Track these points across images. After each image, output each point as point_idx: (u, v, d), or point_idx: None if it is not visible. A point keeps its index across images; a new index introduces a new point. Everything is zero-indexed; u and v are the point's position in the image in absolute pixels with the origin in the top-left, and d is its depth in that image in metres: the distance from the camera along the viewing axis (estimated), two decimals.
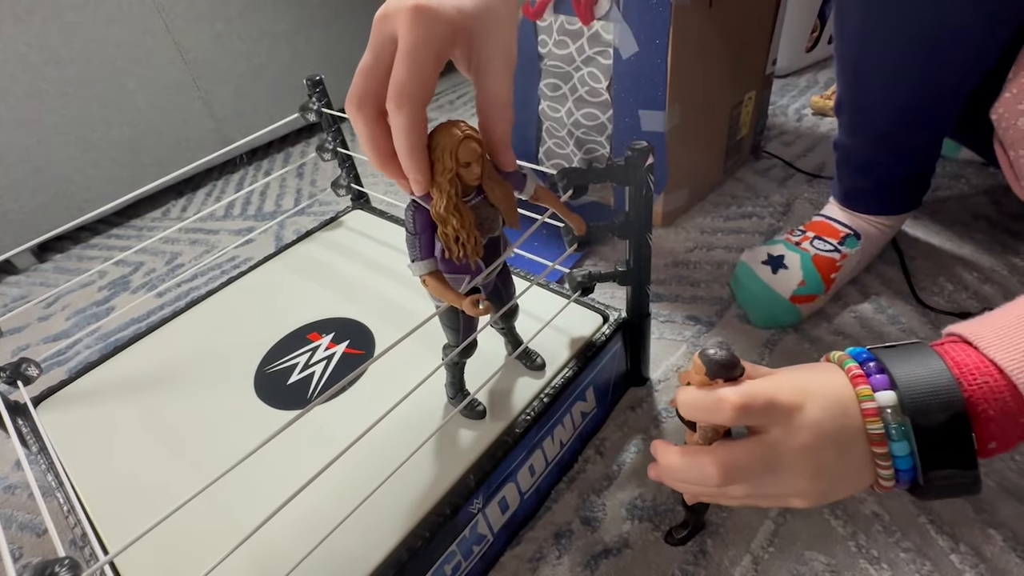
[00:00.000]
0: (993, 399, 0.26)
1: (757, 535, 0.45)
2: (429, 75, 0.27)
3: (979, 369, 0.26)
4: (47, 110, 0.96)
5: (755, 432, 0.30)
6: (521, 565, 0.46)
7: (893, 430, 0.27)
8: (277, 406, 0.50)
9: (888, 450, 0.27)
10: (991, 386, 0.26)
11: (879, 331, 0.60)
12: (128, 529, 0.42)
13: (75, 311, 0.89)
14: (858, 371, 0.29)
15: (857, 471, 0.29)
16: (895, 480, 0.28)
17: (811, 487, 0.29)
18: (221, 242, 1.00)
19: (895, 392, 0.27)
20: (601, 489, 0.50)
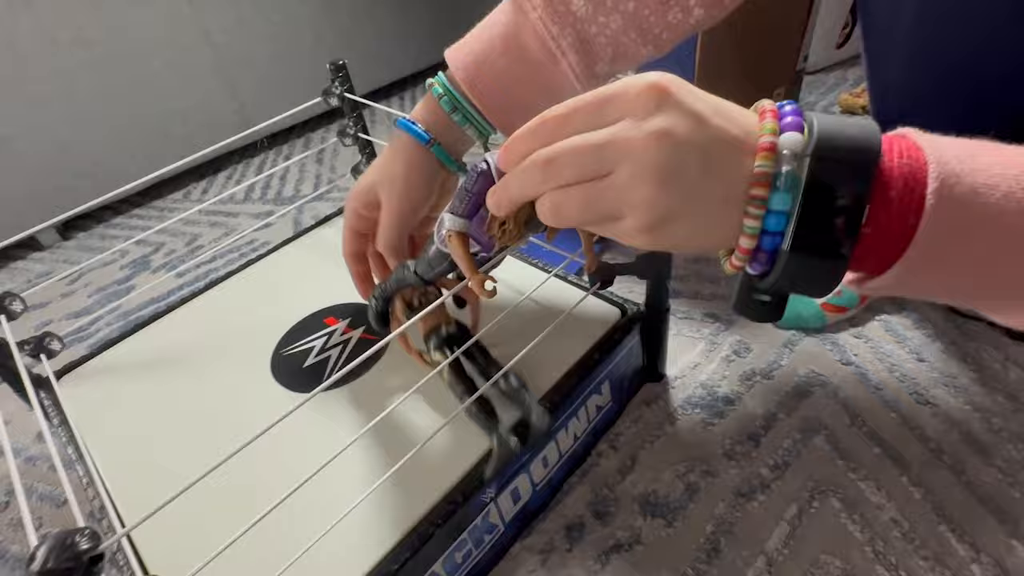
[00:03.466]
0: (902, 182, 0.21)
1: (772, 537, 0.44)
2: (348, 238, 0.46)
3: (907, 151, 0.21)
4: (74, 89, 0.97)
5: None
6: (531, 556, 0.46)
7: (783, 177, 0.21)
8: (293, 388, 0.50)
9: (766, 196, 0.21)
10: (909, 169, 0.21)
11: (904, 335, 0.59)
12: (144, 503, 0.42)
13: (97, 288, 0.91)
14: (771, 108, 0.22)
15: (718, 206, 0.22)
16: (756, 243, 0.22)
17: (653, 195, 0.22)
18: (240, 225, 1.00)
19: (802, 136, 0.21)
20: (614, 484, 0.50)
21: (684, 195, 0.22)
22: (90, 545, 0.23)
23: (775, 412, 0.54)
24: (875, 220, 0.21)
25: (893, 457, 0.48)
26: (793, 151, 0.21)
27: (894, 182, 0.21)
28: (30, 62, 0.92)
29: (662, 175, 0.21)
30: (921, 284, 0.23)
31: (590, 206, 0.23)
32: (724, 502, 0.47)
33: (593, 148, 0.22)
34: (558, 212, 0.24)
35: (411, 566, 0.37)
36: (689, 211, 0.22)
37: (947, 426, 0.50)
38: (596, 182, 0.23)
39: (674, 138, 0.21)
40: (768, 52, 0.74)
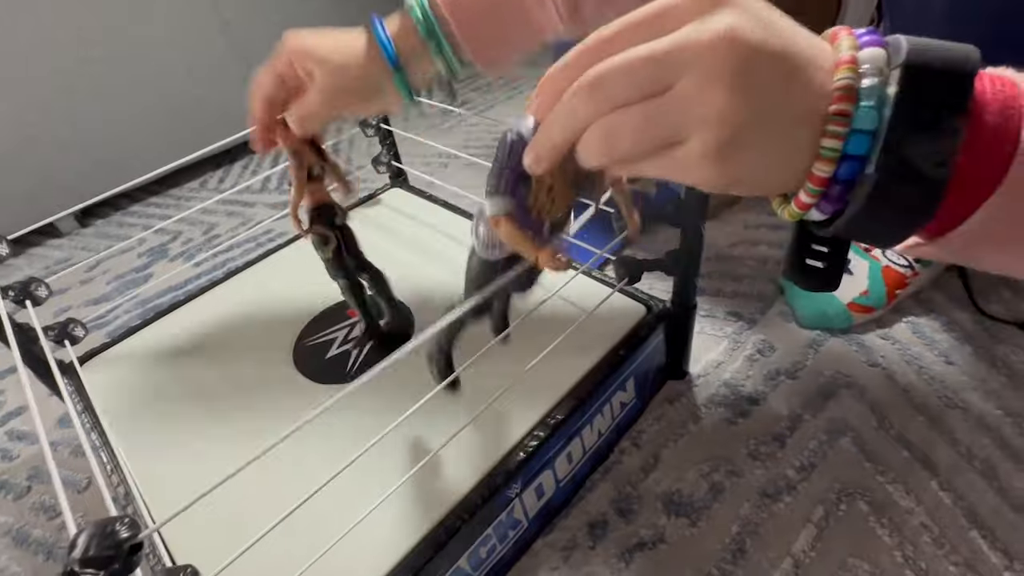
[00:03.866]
0: (998, 107, 0.19)
1: (799, 538, 0.44)
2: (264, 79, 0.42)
3: (1001, 81, 0.19)
4: (96, 78, 0.97)
5: None
6: (553, 553, 0.46)
7: (868, 91, 0.18)
8: (315, 379, 0.50)
9: (850, 112, 0.19)
10: (1003, 96, 0.19)
11: (932, 337, 0.58)
12: (167, 489, 0.43)
13: (115, 276, 0.91)
14: (845, 29, 0.20)
15: (794, 125, 0.19)
16: (833, 170, 0.19)
17: (726, 105, 0.18)
18: (257, 215, 1.00)
19: (886, 50, 0.19)
20: (637, 481, 0.49)
21: (759, 108, 0.19)
22: (130, 534, 0.23)
23: (800, 413, 0.53)
24: (971, 147, 0.18)
25: (922, 461, 0.48)
26: (877, 65, 0.18)
27: (989, 106, 0.19)
28: (58, 49, 0.92)
29: (736, 80, 0.18)
30: (1007, 236, 0.20)
31: (649, 126, 0.20)
32: (749, 502, 0.47)
33: (649, 58, 0.19)
34: (610, 141, 0.21)
35: (437, 560, 0.37)
36: (763, 130, 0.19)
37: (978, 430, 0.49)
38: (655, 98, 0.19)
39: (746, 41, 0.18)
40: None
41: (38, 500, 0.57)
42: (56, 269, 0.96)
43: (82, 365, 0.56)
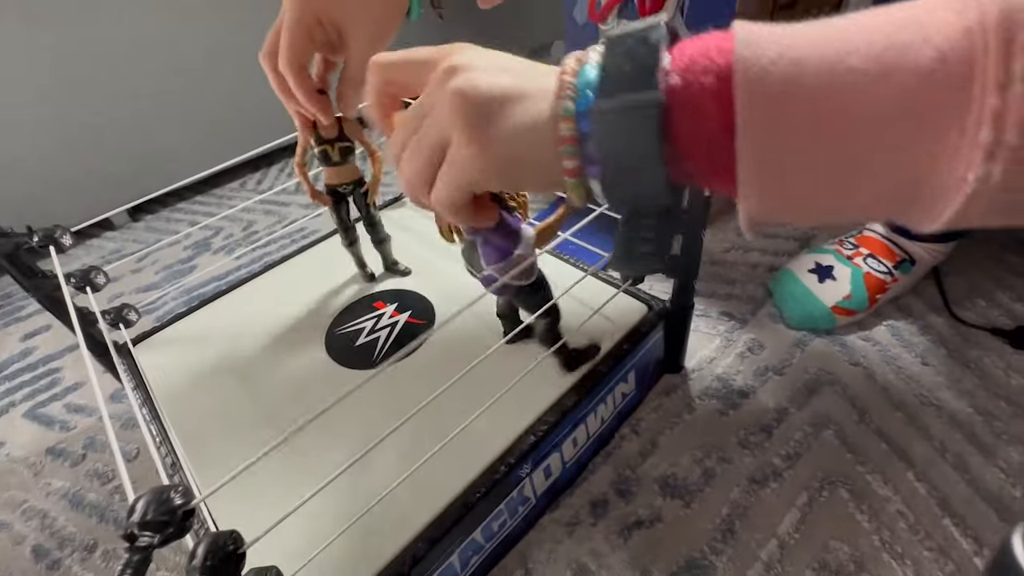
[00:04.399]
0: (699, 42, 0.19)
1: (784, 521, 0.44)
2: (298, 46, 0.38)
3: (712, 45, 0.19)
4: (152, 87, 0.97)
5: None
6: (558, 528, 0.45)
7: (586, 70, 0.21)
8: (346, 364, 0.50)
9: (573, 82, 0.21)
10: (706, 39, 0.19)
11: (910, 340, 0.57)
12: (210, 460, 0.43)
13: (163, 267, 0.92)
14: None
15: (532, 113, 0.22)
16: (575, 127, 0.21)
17: (462, 105, 0.22)
18: (292, 213, 1.01)
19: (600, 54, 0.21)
20: (635, 465, 0.49)
21: (501, 90, 0.22)
22: (183, 501, 0.23)
23: (786, 406, 0.52)
24: (677, 62, 0.19)
25: (899, 453, 0.47)
26: (599, 52, 0.21)
27: (688, 44, 0.19)
28: (118, 58, 0.92)
29: (464, 95, 0.22)
30: (799, 181, 0.18)
31: (418, 146, 0.25)
32: (739, 487, 0.46)
33: (413, 113, 0.26)
34: (401, 168, 0.27)
35: (454, 533, 0.37)
36: (508, 105, 0.22)
37: (951, 426, 0.49)
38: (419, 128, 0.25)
39: (470, 94, 0.22)
40: None
41: (92, 467, 0.58)
42: (110, 259, 0.97)
43: (135, 346, 0.56)
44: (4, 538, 0.52)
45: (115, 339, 0.54)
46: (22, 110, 0.86)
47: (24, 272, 0.48)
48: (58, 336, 0.78)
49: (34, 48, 0.84)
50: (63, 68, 0.88)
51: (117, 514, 0.52)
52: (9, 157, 0.87)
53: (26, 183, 0.91)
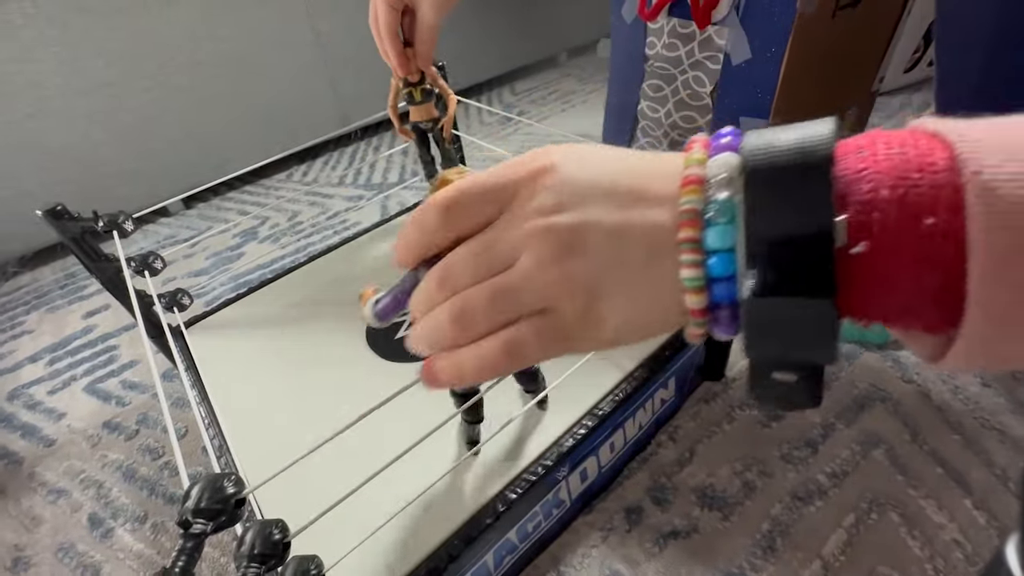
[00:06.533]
0: (894, 174, 0.13)
1: (828, 542, 0.41)
2: (383, 14, 0.46)
3: (903, 139, 0.14)
4: (203, 79, 1.00)
5: None
6: (592, 532, 0.45)
7: (714, 208, 0.15)
8: (386, 357, 0.50)
9: (697, 237, 0.15)
10: (904, 157, 0.13)
11: None
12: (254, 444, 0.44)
13: (212, 253, 0.94)
14: (702, 138, 0.16)
15: (645, 265, 0.16)
16: (707, 298, 0.15)
17: (564, 278, 0.16)
18: (335, 205, 1.02)
19: (738, 155, 0.15)
20: (672, 473, 0.48)
21: (598, 266, 0.16)
22: (236, 490, 0.23)
23: (833, 422, 0.50)
24: (869, 229, 0.13)
25: (956, 478, 0.44)
26: (729, 175, 0.15)
27: (878, 176, 0.13)
28: (170, 53, 0.95)
29: (563, 256, 0.16)
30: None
31: (497, 302, 0.17)
32: (781, 503, 0.44)
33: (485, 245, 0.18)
34: (463, 321, 0.18)
35: (490, 531, 0.36)
36: (615, 282, 0.16)
37: (1015, 453, 0.45)
38: (499, 275, 0.17)
39: (559, 225, 0.16)
40: (850, 72, 0.68)
41: (144, 443, 0.60)
42: (164, 244, 1.01)
43: (186, 329, 0.58)
44: (63, 505, 0.54)
45: (170, 322, 0.56)
46: (78, 100, 0.89)
47: (89, 254, 0.50)
48: (116, 316, 0.82)
49: (91, 39, 0.87)
50: (119, 59, 0.91)
51: (166, 488, 0.54)
52: (67, 145, 0.91)
53: (83, 170, 0.94)
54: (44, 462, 0.59)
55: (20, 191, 0.89)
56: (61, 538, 0.51)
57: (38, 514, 0.54)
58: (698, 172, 0.15)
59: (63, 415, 0.65)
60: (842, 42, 0.62)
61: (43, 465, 0.59)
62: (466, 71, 1.34)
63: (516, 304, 0.17)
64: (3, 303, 0.90)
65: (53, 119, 0.88)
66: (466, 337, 0.18)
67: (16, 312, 0.87)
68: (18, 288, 0.93)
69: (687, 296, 0.16)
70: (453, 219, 0.18)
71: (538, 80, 1.45)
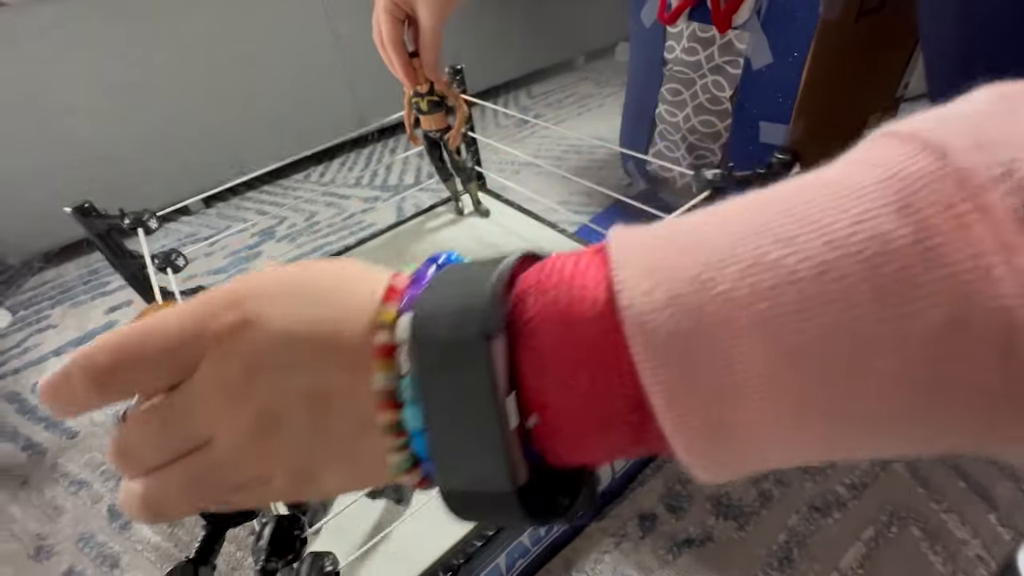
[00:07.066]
0: (555, 327, 0.13)
1: (847, 555, 0.41)
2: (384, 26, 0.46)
3: (572, 275, 0.13)
4: (224, 80, 1.02)
5: None
6: (605, 538, 0.44)
7: (404, 385, 0.14)
8: None
9: (398, 420, 0.14)
10: (566, 304, 0.13)
11: None
12: None
13: (231, 252, 0.96)
14: (401, 282, 0.15)
15: (355, 442, 0.14)
16: (420, 472, 0.14)
17: (269, 463, 0.15)
18: (351, 206, 1.03)
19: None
20: (687, 481, 0.47)
21: (302, 445, 0.15)
22: (299, 531, 0.24)
23: None
24: (540, 400, 0.13)
25: (980, 493, 0.43)
26: (410, 344, 0.13)
27: (540, 340, 0.13)
28: (193, 55, 0.97)
29: (260, 435, 0.14)
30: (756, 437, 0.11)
31: (201, 489, 0.15)
32: (798, 514, 0.44)
33: (166, 429, 0.15)
34: (159, 506, 0.15)
35: (504, 534, 0.36)
36: (324, 457, 0.15)
37: None
38: (193, 457, 0.15)
39: (252, 399, 0.14)
40: (874, 78, 0.67)
41: None
42: (185, 242, 1.03)
43: None
44: (84, 496, 0.56)
45: None
46: (103, 100, 0.91)
47: (114, 251, 0.51)
48: (138, 312, 0.83)
49: (117, 41, 0.89)
50: (143, 61, 0.93)
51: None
52: (92, 144, 0.93)
53: (108, 169, 0.97)
54: (66, 453, 0.61)
55: (47, 189, 0.91)
56: (82, 528, 0.52)
57: (60, 504, 0.55)
58: (386, 339, 0.14)
59: None
60: (865, 47, 0.61)
61: (65, 456, 0.60)
62: (482, 74, 1.35)
63: (220, 486, 0.15)
64: (29, 298, 0.92)
65: (80, 118, 0.90)
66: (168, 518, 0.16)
67: (41, 306, 0.89)
68: (43, 283, 0.96)
69: (400, 474, 0.14)
70: (115, 388, 0.15)
71: (555, 83, 1.46)
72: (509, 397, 0.13)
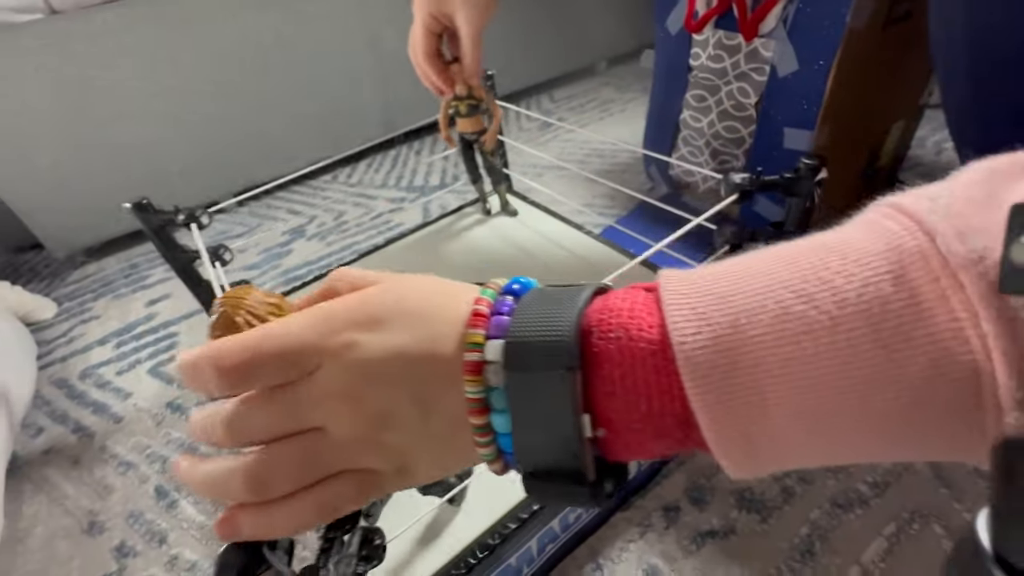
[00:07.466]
0: (622, 360, 0.16)
1: (868, 550, 0.42)
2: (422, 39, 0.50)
3: (630, 316, 0.16)
4: (260, 84, 1.06)
5: None
6: (630, 527, 0.46)
7: (494, 396, 0.17)
8: None
9: (488, 423, 0.17)
10: (628, 341, 0.16)
11: None
12: None
13: (263, 249, 0.99)
14: (485, 308, 0.18)
15: (450, 438, 0.18)
16: (503, 463, 0.18)
17: (379, 455, 0.18)
18: (378, 206, 1.06)
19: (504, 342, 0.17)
20: (710, 475, 0.49)
21: (409, 439, 0.18)
22: (380, 541, 0.26)
23: None
24: (608, 414, 0.16)
25: None
26: (499, 363, 0.16)
27: (610, 368, 0.16)
28: (240, 58, 1.01)
29: (375, 428, 0.18)
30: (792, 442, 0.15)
31: (309, 465, 0.18)
32: (820, 509, 0.45)
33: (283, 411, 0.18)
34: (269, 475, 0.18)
35: (537, 517, 0.38)
36: (424, 450, 0.18)
37: None
38: (305, 437, 0.18)
39: (371, 399, 0.17)
40: (899, 85, 0.68)
41: None
42: (218, 239, 1.06)
43: None
44: (132, 476, 0.59)
45: None
46: (150, 102, 0.96)
47: (167, 244, 0.54)
48: (176, 304, 0.87)
49: (164, 46, 0.93)
50: (187, 65, 0.97)
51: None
52: (137, 144, 0.98)
53: (150, 168, 1.01)
54: (114, 436, 0.64)
55: (93, 187, 0.96)
56: (131, 506, 0.55)
57: (110, 483, 0.58)
58: (475, 358, 0.17)
59: (130, 394, 0.70)
60: (892, 56, 0.62)
61: (113, 439, 0.64)
62: (505, 78, 1.37)
63: (326, 469, 0.18)
64: (73, 290, 0.96)
65: (128, 120, 0.95)
66: (262, 500, 0.18)
67: (85, 299, 0.93)
68: (86, 276, 1.00)
69: (488, 464, 0.18)
70: (237, 384, 0.17)
71: (577, 88, 1.47)
72: (584, 415, 0.16)
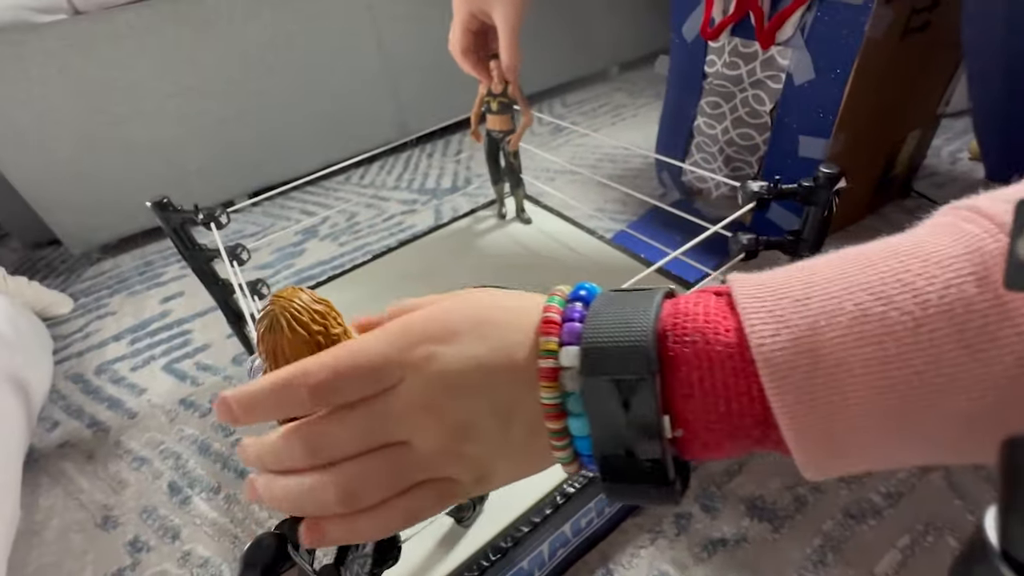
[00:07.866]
0: (700, 363, 0.16)
1: (882, 561, 0.42)
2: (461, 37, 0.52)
3: (706, 320, 0.16)
4: (275, 86, 1.07)
5: None
6: (641, 534, 0.46)
7: (571, 400, 0.17)
8: None
9: (565, 427, 0.17)
10: (705, 344, 0.16)
11: None
12: None
13: (276, 248, 1.00)
14: (555, 315, 0.18)
15: (527, 443, 0.19)
16: (578, 464, 0.19)
17: (461, 463, 0.19)
18: (391, 208, 1.07)
19: (579, 348, 0.17)
20: (722, 483, 0.48)
21: (490, 449, 0.19)
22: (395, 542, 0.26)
23: None
24: (685, 415, 0.16)
25: None
26: (576, 368, 0.17)
27: (689, 368, 0.16)
28: (250, 59, 1.02)
29: (457, 440, 0.18)
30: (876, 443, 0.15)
31: (398, 477, 0.19)
32: (833, 520, 0.45)
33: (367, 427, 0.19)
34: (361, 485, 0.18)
35: (551, 520, 0.38)
36: (503, 457, 0.19)
37: None
38: (392, 450, 0.19)
39: (452, 412, 0.18)
40: (916, 94, 0.68)
41: (216, 420, 0.65)
42: (233, 238, 1.07)
43: None
44: (146, 471, 0.59)
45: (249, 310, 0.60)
46: (167, 102, 0.97)
47: (186, 243, 0.55)
48: (190, 302, 0.88)
49: (182, 47, 0.94)
50: (204, 66, 0.98)
51: (237, 464, 0.58)
52: (153, 143, 0.99)
53: (166, 167, 1.02)
54: (128, 432, 0.65)
55: (110, 184, 0.97)
56: (144, 501, 0.56)
57: (124, 478, 0.59)
58: (551, 365, 0.17)
59: (144, 391, 0.71)
60: (909, 65, 0.62)
61: (127, 435, 0.64)
62: None
63: (412, 480, 0.19)
64: (88, 286, 0.98)
65: (145, 119, 0.96)
66: (352, 511, 0.19)
67: (100, 295, 0.94)
68: (101, 273, 1.01)
69: (563, 466, 0.19)
70: (325, 399, 0.18)
71: (589, 93, 1.48)
72: (665, 416, 0.16)
